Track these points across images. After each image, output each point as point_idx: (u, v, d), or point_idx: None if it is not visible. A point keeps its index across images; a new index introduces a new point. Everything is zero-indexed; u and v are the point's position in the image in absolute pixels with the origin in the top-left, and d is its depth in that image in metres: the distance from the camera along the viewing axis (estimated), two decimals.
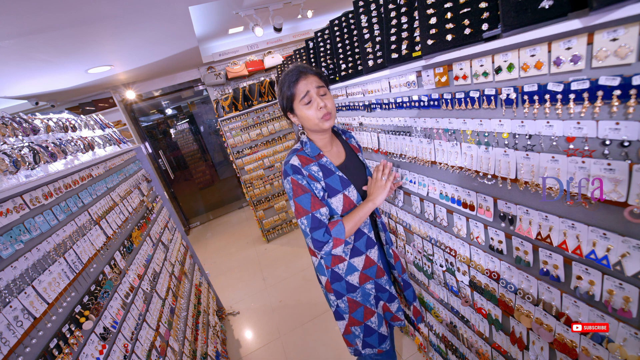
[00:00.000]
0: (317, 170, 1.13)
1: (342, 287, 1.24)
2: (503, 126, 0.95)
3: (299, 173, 1.10)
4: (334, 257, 1.22)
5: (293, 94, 1.09)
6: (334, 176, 1.15)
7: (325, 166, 1.15)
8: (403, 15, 1.17)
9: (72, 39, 2.24)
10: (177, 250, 2.36)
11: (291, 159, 1.13)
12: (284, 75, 1.12)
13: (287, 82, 1.09)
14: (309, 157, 1.14)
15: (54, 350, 0.89)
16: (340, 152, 1.27)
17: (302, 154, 1.15)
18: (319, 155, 1.17)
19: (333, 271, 1.24)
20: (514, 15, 0.77)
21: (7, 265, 0.85)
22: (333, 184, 1.15)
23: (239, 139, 4.42)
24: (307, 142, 1.18)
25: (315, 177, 1.12)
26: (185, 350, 1.71)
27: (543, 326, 1.00)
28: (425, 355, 1.94)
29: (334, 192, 1.15)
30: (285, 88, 1.10)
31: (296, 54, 2.43)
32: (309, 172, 1.11)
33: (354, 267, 1.23)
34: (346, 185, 1.17)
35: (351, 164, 1.25)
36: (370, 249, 1.25)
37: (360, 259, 1.23)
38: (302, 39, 4.91)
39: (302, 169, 1.11)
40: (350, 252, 1.23)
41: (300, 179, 1.10)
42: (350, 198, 1.17)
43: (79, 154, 1.52)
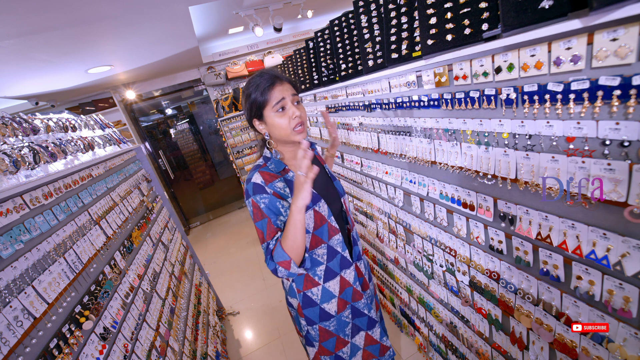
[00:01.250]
0: (282, 186, 1.04)
1: (315, 314, 1.15)
2: (503, 126, 0.95)
3: (260, 193, 1.00)
4: (306, 280, 1.12)
5: (266, 99, 0.99)
6: None
7: (293, 181, 1.06)
8: (403, 15, 1.17)
9: (72, 39, 2.24)
10: (177, 250, 2.36)
11: (253, 176, 1.03)
12: (253, 78, 1.01)
13: (260, 87, 0.98)
14: (273, 173, 1.05)
15: (54, 350, 0.89)
16: None
17: (265, 170, 1.05)
18: (285, 170, 1.08)
19: (305, 295, 1.14)
20: (514, 15, 0.77)
21: (7, 265, 0.85)
22: None
23: (239, 139, 4.41)
24: (271, 157, 1.09)
25: (281, 194, 1.03)
26: (185, 350, 1.71)
27: (543, 326, 1.00)
28: (425, 355, 1.94)
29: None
30: (257, 93, 0.99)
31: (296, 54, 2.43)
32: (274, 190, 1.02)
33: (330, 293, 1.13)
34: (316, 200, 1.07)
35: (319, 177, 1.16)
36: (346, 269, 1.15)
37: (335, 281, 1.14)
38: (302, 39, 4.91)
39: (265, 187, 1.01)
40: (324, 275, 1.12)
41: (260, 201, 1.00)
42: (321, 213, 1.08)
43: (79, 154, 1.52)
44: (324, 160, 1.27)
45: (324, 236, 1.10)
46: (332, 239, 1.11)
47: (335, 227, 1.12)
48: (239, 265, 3.84)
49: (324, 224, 1.09)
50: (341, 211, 1.19)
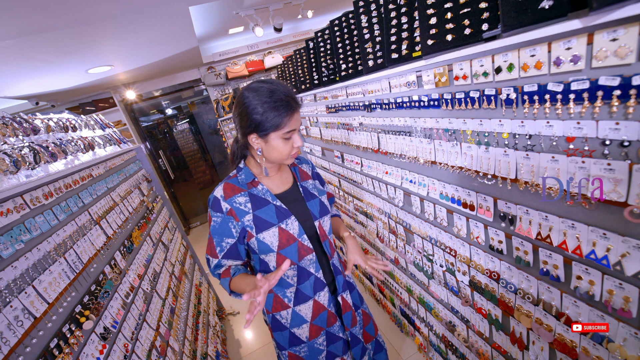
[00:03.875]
0: (244, 201, 0.99)
1: (284, 339, 1.09)
2: (503, 126, 0.95)
3: (214, 209, 0.99)
4: (275, 301, 1.06)
5: (279, 124, 0.91)
6: (269, 207, 1.00)
7: (258, 196, 1.01)
8: (403, 15, 1.17)
9: (72, 39, 2.24)
10: (177, 250, 2.36)
11: (217, 189, 1.01)
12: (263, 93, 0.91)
13: (275, 109, 0.90)
14: (238, 185, 1.01)
15: (55, 350, 0.89)
16: (285, 179, 1.11)
17: (232, 181, 1.02)
18: (253, 182, 1.02)
19: (274, 318, 1.08)
20: (514, 16, 0.77)
21: (7, 265, 0.85)
22: (265, 216, 0.99)
23: None
24: (243, 169, 1.04)
25: (240, 211, 0.98)
26: (186, 350, 1.72)
27: (543, 326, 1.01)
28: (425, 355, 1.94)
29: (265, 226, 0.99)
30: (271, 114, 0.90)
31: (296, 54, 2.43)
32: (231, 206, 0.98)
33: (301, 317, 1.06)
34: (284, 216, 1.00)
35: (296, 193, 1.09)
36: (319, 291, 1.07)
37: (307, 305, 1.06)
38: (302, 39, 4.91)
39: (222, 203, 0.98)
40: (295, 298, 1.05)
41: (213, 217, 0.99)
42: (288, 232, 0.99)
43: (79, 154, 1.52)
44: (309, 175, 1.18)
45: (292, 256, 1.02)
46: (303, 259, 1.03)
47: (307, 247, 1.03)
48: None
49: (291, 243, 1.01)
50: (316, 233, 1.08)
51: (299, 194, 1.09)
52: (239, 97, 0.95)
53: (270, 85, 0.93)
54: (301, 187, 1.11)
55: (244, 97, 0.93)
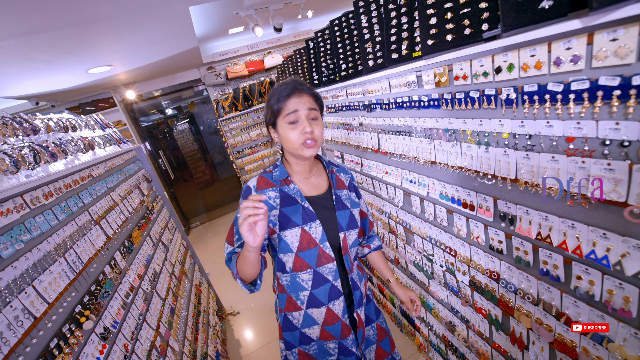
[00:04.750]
0: (273, 196, 1.00)
1: (295, 338, 1.09)
2: (503, 126, 0.95)
3: (245, 197, 1.01)
4: (288, 301, 1.06)
5: (280, 108, 0.96)
6: (296, 206, 1.00)
7: (289, 194, 1.02)
8: (403, 15, 1.17)
9: (72, 39, 2.24)
10: (177, 250, 2.36)
11: (251, 180, 1.05)
12: (277, 86, 1.00)
13: (277, 94, 0.97)
14: (271, 180, 1.03)
15: (55, 350, 0.89)
16: (319, 185, 1.10)
17: (266, 176, 1.05)
18: (286, 180, 1.04)
19: (286, 317, 1.08)
20: (514, 16, 0.77)
21: (7, 265, 0.85)
22: (291, 214, 0.99)
23: (239, 139, 4.42)
24: (279, 165, 1.07)
25: (268, 204, 0.99)
26: (186, 350, 1.72)
27: (543, 326, 1.01)
28: (425, 355, 1.94)
29: (289, 225, 0.99)
30: (274, 100, 0.97)
31: (296, 54, 2.43)
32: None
33: (312, 319, 1.06)
34: (309, 219, 1.00)
35: (328, 200, 1.08)
36: (335, 300, 1.05)
37: (319, 311, 1.04)
38: (302, 39, 4.91)
39: (253, 193, 1.00)
40: (307, 301, 1.04)
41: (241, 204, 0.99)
42: (310, 235, 0.99)
43: (79, 154, 1.52)
44: (343, 186, 1.14)
45: (310, 261, 1.01)
46: (322, 266, 1.02)
47: (329, 255, 1.02)
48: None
49: (312, 247, 1.00)
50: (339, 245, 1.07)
51: (330, 202, 1.08)
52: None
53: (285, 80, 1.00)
54: (334, 194, 1.09)
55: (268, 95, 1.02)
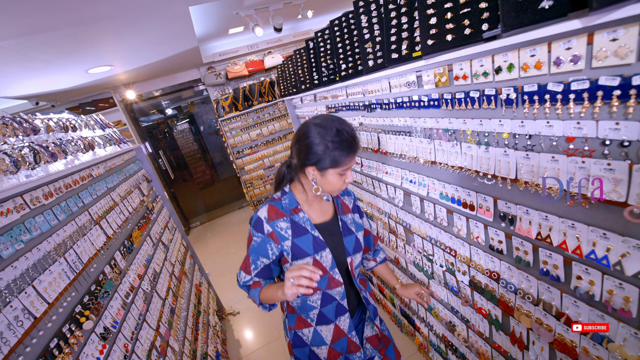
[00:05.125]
0: (285, 227, 1.02)
1: (304, 354, 1.13)
2: (503, 126, 0.95)
3: (257, 229, 1.02)
4: (299, 320, 1.11)
5: (340, 162, 0.94)
6: (307, 236, 1.03)
7: (299, 224, 1.04)
8: (403, 15, 1.17)
9: (72, 39, 2.24)
10: (177, 250, 2.36)
11: (261, 209, 1.04)
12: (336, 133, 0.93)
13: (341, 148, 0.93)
14: (281, 210, 1.04)
15: (55, 350, 0.89)
16: (326, 210, 1.12)
17: (276, 204, 1.05)
18: (296, 209, 1.05)
19: (296, 334, 1.12)
20: (514, 16, 0.77)
21: (7, 265, 0.85)
22: (303, 245, 1.02)
23: (239, 139, 4.42)
24: (288, 194, 1.07)
25: (280, 236, 1.02)
26: (186, 350, 1.72)
27: (543, 326, 1.01)
28: (425, 355, 1.94)
29: (301, 254, 1.02)
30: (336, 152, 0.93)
31: (296, 54, 2.43)
32: (273, 229, 1.01)
33: (321, 338, 1.10)
34: (319, 248, 1.03)
35: (334, 225, 1.11)
36: (340, 316, 1.10)
37: (328, 328, 1.10)
38: (302, 39, 4.91)
39: (264, 225, 1.01)
40: (317, 318, 1.09)
41: (253, 236, 1.03)
42: (321, 263, 1.03)
43: (79, 154, 1.52)
44: (347, 210, 1.17)
45: (321, 285, 1.05)
46: (332, 289, 1.07)
47: (338, 280, 1.06)
48: (239, 265, 3.83)
49: (323, 275, 1.04)
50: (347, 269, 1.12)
51: (337, 228, 1.12)
52: (304, 129, 0.98)
53: (337, 124, 0.96)
54: (341, 220, 1.12)
55: (310, 131, 0.96)
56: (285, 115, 4.73)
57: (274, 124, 4.54)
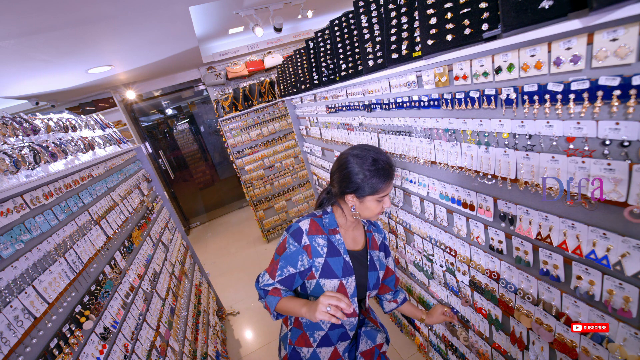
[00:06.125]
0: (322, 244, 1.06)
1: None
2: (503, 126, 0.95)
3: (295, 238, 1.05)
4: (302, 337, 1.15)
5: (378, 189, 1.00)
6: (339, 259, 1.07)
7: (335, 245, 1.08)
8: (403, 15, 1.17)
9: (72, 39, 2.24)
10: (177, 250, 2.36)
11: (303, 220, 1.09)
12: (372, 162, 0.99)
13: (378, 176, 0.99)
14: (322, 227, 1.09)
15: (55, 350, 0.89)
16: (357, 240, 1.18)
17: (317, 220, 1.09)
18: (334, 230, 1.10)
19: (295, 350, 1.16)
20: (514, 16, 0.77)
21: (7, 265, 0.85)
22: (334, 266, 1.07)
23: (239, 139, 4.42)
24: (330, 214, 1.12)
25: (315, 251, 1.05)
26: (186, 350, 1.72)
27: (543, 326, 1.01)
28: (425, 355, 1.94)
29: (331, 275, 1.06)
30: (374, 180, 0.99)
31: (296, 54, 2.43)
32: (310, 243, 1.05)
33: (318, 358, 1.14)
34: (348, 273, 1.07)
35: (363, 257, 1.17)
36: (342, 341, 1.17)
37: (327, 350, 1.15)
38: (302, 39, 4.90)
39: (304, 237, 1.05)
40: (320, 340, 1.14)
41: (288, 244, 1.05)
42: (345, 289, 1.07)
43: (79, 154, 1.52)
44: (376, 246, 1.22)
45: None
46: (347, 318, 1.10)
47: (355, 310, 1.09)
48: (239, 265, 3.84)
49: None
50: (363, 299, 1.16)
51: (365, 260, 1.17)
52: (343, 160, 1.05)
53: (374, 154, 1.02)
54: (369, 255, 1.18)
55: (349, 162, 1.03)
56: (285, 115, 4.73)
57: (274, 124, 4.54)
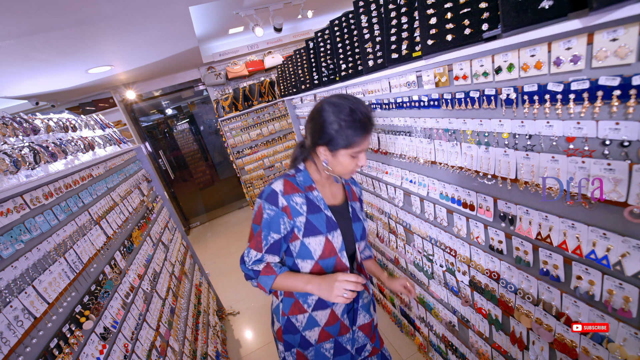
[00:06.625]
0: (301, 202, 1.00)
1: (295, 341, 1.11)
2: (503, 126, 0.95)
3: (270, 202, 0.98)
4: (294, 305, 1.09)
5: (352, 142, 0.93)
6: (321, 214, 1.02)
7: (314, 201, 1.03)
8: (403, 15, 1.17)
9: (72, 39, 2.24)
10: (177, 250, 2.36)
11: (275, 182, 1.01)
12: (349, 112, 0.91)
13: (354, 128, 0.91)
14: (297, 186, 1.02)
15: (55, 350, 0.89)
16: (336, 194, 1.13)
17: (291, 180, 1.03)
18: (310, 187, 1.04)
19: (289, 320, 1.10)
20: (514, 16, 0.77)
21: (7, 265, 0.85)
22: (317, 222, 1.01)
23: (239, 139, 4.42)
24: (303, 171, 1.06)
25: (294, 210, 0.99)
26: (186, 350, 1.72)
27: (543, 326, 1.01)
28: (425, 355, 1.94)
29: (314, 232, 1.00)
30: (349, 131, 0.91)
31: (296, 54, 2.43)
32: (288, 203, 0.98)
33: (315, 321, 1.09)
34: (332, 227, 1.02)
35: (345, 210, 1.12)
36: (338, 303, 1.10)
37: (324, 313, 1.08)
38: (302, 39, 4.91)
39: (279, 197, 0.98)
40: (315, 304, 1.08)
41: (265, 209, 0.98)
42: (332, 244, 1.02)
43: (79, 154, 1.52)
44: (355, 198, 1.18)
45: (327, 268, 1.03)
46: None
47: (344, 264, 1.05)
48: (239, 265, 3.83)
49: (332, 256, 1.03)
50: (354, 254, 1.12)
51: (347, 213, 1.12)
52: (317, 108, 0.96)
53: (352, 103, 0.93)
54: (351, 206, 1.14)
55: (324, 109, 0.94)
56: (285, 115, 4.73)
57: (274, 124, 4.54)
